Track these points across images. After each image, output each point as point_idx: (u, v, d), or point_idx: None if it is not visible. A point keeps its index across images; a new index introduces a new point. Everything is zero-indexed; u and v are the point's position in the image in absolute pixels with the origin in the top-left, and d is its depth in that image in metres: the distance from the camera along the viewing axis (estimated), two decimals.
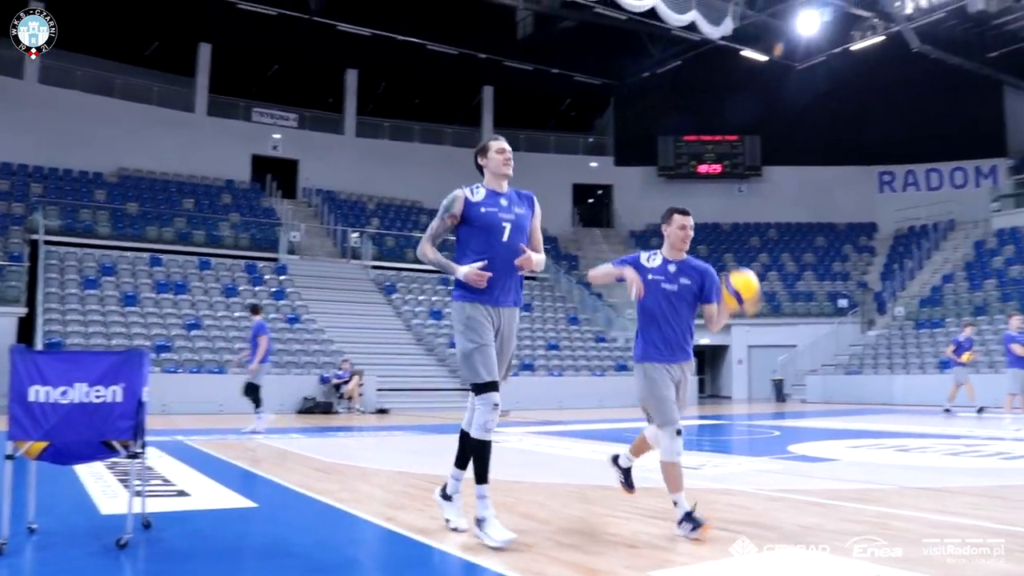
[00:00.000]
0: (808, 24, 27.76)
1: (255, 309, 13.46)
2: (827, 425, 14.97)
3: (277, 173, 31.01)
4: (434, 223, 4.72)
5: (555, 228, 33.07)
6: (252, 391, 12.57)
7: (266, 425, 12.54)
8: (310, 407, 19.19)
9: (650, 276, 4.84)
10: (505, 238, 4.63)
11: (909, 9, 26.91)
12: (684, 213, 4.94)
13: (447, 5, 29.31)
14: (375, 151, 32.42)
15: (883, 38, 28.09)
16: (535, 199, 4.92)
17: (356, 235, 28.25)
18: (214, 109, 29.95)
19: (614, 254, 32.74)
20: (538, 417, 17.68)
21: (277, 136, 30.92)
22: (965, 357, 16.54)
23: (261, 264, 25.02)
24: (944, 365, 23.21)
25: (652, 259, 4.93)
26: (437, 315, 25.45)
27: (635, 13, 25.14)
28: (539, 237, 4.86)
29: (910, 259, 30.79)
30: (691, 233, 4.92)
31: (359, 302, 25.09)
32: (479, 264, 4.53)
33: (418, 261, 28.65)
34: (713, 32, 26.25)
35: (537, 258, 4.69)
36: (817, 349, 27.73)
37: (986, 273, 27.46)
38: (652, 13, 24.88)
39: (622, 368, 25.16)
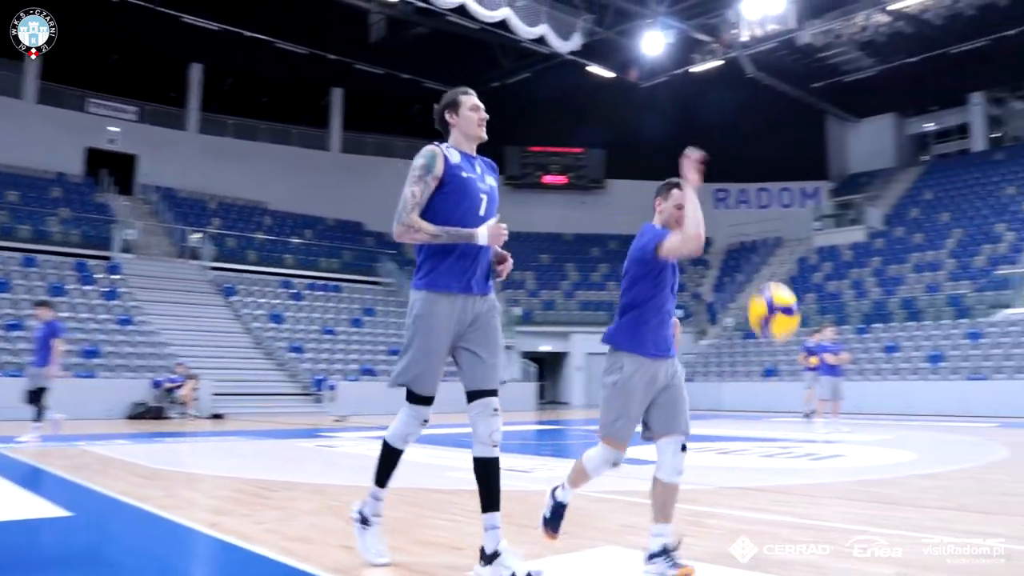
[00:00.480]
0: (653, 45, 28.85)
1: (45, 305, 11.67)
2: None
3: (113, 168, 29.55)
4: (413, 190, 3.85)
5: None
6: (38, 397, 11.23)
7: (48, 432, 11.23)
8: (141, 412, 18.42)
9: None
10: (482, 212, 3.94)
11: (745, 37, 28.46)
12: None
13: (298, 3, 28.82)
14: (219, 149, 31.45)
15: (722, 63, 29.58)
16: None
17: (196, 235, 27.32)
18: (45, 97, 28.33)
19: None
20: (379, 422, 17.59)
21: (114, 129, 29.52)
22: (813, 360, 16.91)
23: (92, 262, 23.78)
24: (768, 373, 24.64)
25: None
26: (277, 318, 24.95)
27: (487, 24, 25.47)
28: None
29: (740, 273, 32.45)
30: None
31: (196, 304, 24.28)
32: (494, 220, 3.86)
33: (261, 263, 28.38)
34: (562, 47, 26.94)
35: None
36: None
37: (807, 287, 29.29)
38: (503, 25, 25.29)
39: None
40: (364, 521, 4.04)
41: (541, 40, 26.47)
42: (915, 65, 30.38)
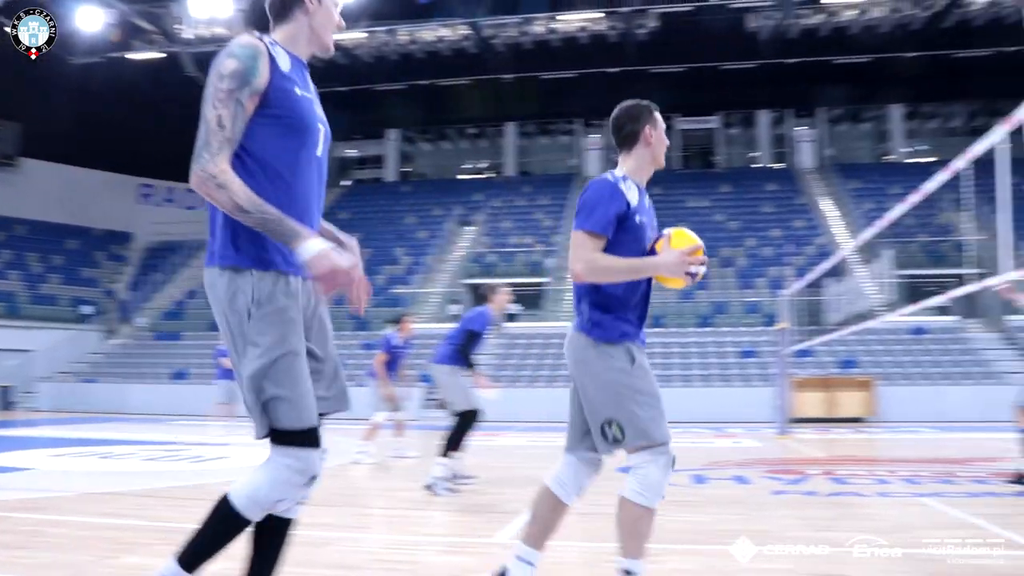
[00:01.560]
0: (89, 21, 27.03)
1: None
2: (43, 434, 14.69)
3: None
4: (220, 114, 2.32)
5: None
6: None
7: None
8: None
9: (638, 218, 3.08)
10: (319, 151, 2.55)
11: (189, 35, 28.13)
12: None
13: None
14: None
15: (163, 55, 28.82)
16: None
17: None
18: None
19: None
20: None
21: None
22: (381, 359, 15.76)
23: None
24: (179, 376, 24.48)
25: (628, 188, 3.10)
26: None
27: None
28: None
29: (160, 272, 31.64)
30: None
31: None
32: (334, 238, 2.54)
33: None
34: None
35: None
36: (54, 355, 26.56)
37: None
38: None
39: None
40: None
41: None
42: (345, 94, 32.96)
